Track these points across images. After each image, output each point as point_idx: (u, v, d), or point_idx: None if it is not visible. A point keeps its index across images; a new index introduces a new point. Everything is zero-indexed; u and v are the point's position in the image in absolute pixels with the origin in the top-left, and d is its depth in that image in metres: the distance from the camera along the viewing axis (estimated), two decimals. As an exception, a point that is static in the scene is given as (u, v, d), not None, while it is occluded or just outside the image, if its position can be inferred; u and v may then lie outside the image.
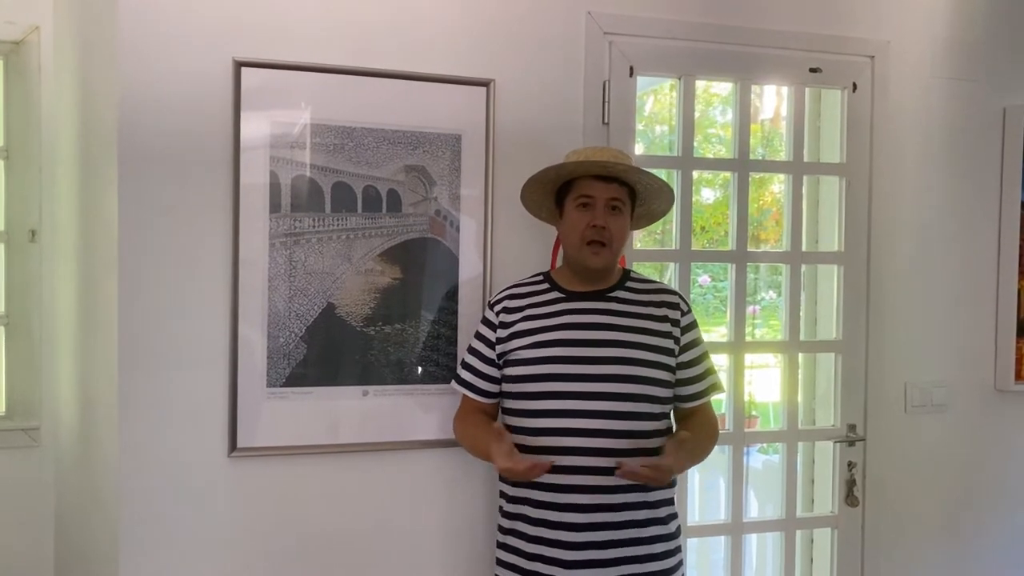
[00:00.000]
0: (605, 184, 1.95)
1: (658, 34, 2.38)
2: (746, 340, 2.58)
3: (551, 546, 1.90)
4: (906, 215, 2.64)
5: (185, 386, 2.04)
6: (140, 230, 2.01)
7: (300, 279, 2.10)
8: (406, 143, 2.16)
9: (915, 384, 2.67)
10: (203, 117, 2.02)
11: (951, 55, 2.69)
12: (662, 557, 1.95)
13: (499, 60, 2.23)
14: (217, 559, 2.08)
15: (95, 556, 2.32)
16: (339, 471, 2.15)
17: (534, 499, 1.92)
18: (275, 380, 2.09)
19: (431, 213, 2.19)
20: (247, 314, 2.06)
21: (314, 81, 2.10)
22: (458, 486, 2.24)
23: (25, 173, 2.84)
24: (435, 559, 2.23)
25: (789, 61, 2.52)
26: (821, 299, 2.75)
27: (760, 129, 4.86)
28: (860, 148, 2.59)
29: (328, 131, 2.11)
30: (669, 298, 2.05)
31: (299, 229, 2.09)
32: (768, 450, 4.23)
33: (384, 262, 2.16)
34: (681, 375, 2.01)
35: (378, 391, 2.16)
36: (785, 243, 2.62)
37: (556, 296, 2.01)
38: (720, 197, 6.29)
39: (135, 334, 2.01)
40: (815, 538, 2.75)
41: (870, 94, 2.59)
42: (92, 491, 2.37)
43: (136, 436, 2.01)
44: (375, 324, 2.15)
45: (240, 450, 2.07)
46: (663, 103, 6.12)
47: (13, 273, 2.87)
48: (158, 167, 2.01)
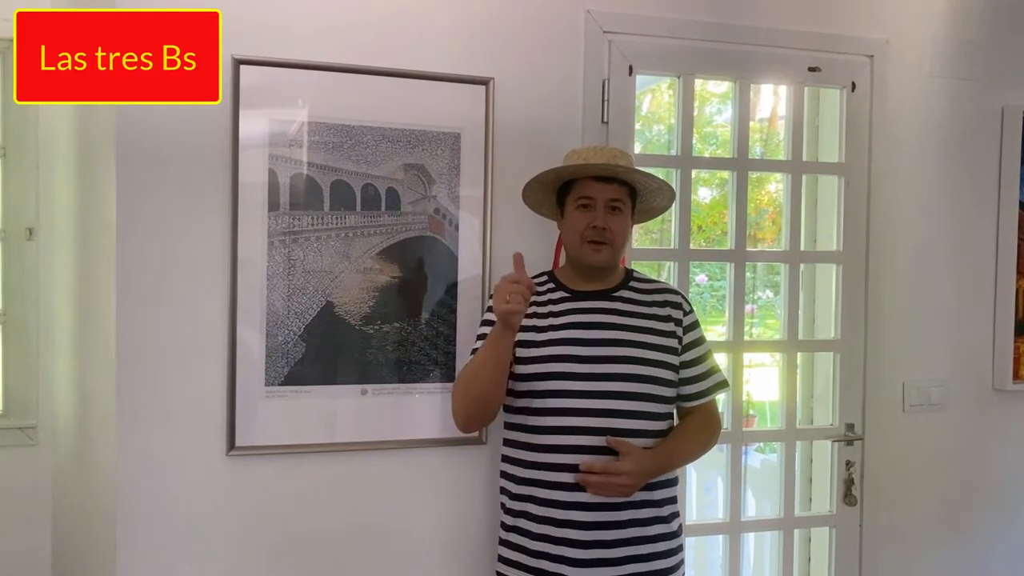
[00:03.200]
0: (605, 185, 1.95)
1: (657, 33, 2.38)
2: (744, 339, 2.58)
3: (557, 544, 1.90)
4: (904, 214, 2.64)
5: (183, 384, 2.03)
6: (138, 228, 2.00)
7: (299, 277, 2.09)
8: (405, 141, 2.16)
9: (913, 383, 2.67)
10: (202, 114, 2.01)
11: (950, 54, 2.69)
12: (665, 555, 1.95)
13: (499, 58, 2.23)
14: (215, 557, 2.07)
15: (93, 554, 2.31)
16: (338, 470, 2.14)
17: (539, 497, 1.92)
18: (274, 379, 2.08)
19: (430, 212, 2.19)
20: (245, 312, 2.06)
21: (313, 79, 2.09)
22: (458, 484, 2.23)
23: (22, 171, 2.84)
24: (435, 557, 2.23)
25: (788, 60, 2.52)
26: (819, 298, 2.76)
27: (758, 129, 4.85)
28: (859, 147, 2.59)
29: (327, 129, 2.10)
30: (672, 298, 2.05)
31: (298, 227, 2.09)
32: (764, 449, 4.24)
33: (383, 260, 2.15)
34: (684, 374, 2.01)
35: (377, 390, 2.16)
36: (784, 242, 2.62)
37: (562, 296, 2.01)
38: (717, 196, 6.29)
39: (133, 332, 2.00)
40: (813, 537, 2.75)
41: (869, 93, 2.59)
42: (90, 489, 2.37)
43: (134, 434, 2.01)
44: (374, 323, 2.15)
45: (238, 449, 2.06)
46: (659, 102, 6.13)
47: (10, 271, 2.87)
48: (156, 165, 2.01)
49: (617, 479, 1.85)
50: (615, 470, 1.85)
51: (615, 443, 1.86)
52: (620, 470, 1.85)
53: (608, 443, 1.86)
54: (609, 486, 1.85)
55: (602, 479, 1.85)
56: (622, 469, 1.85)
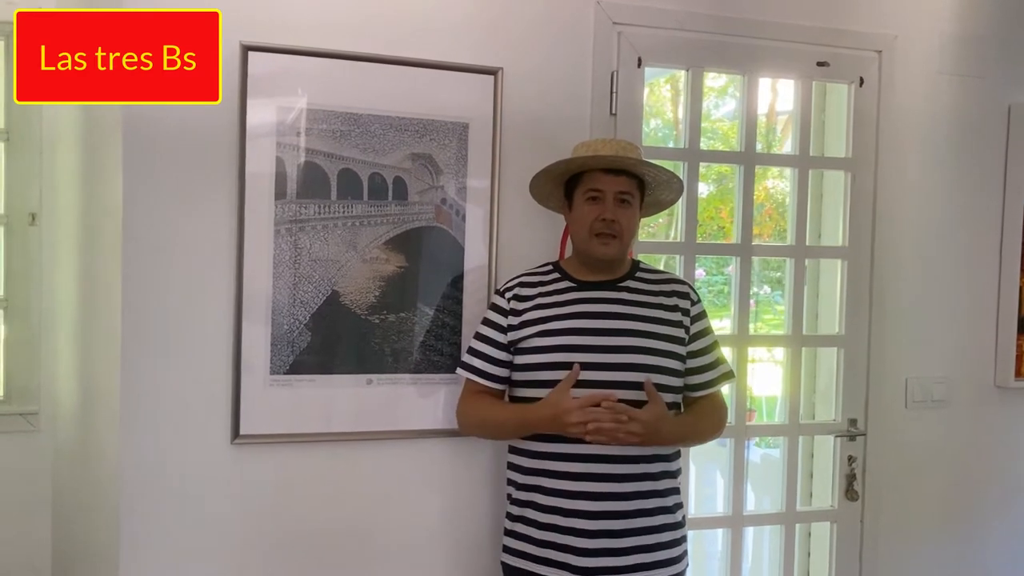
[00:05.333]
0: (614, 177, 1.95)
1: (667, 25, 2.37)
2: (749, 334, 2.58)
3: (563, 534, 1.90)
4: (910, 210, 2.64)
5: (188, 372, 2.03)
6: (144, 215, 2.00)
7: (305, 266, 2.09)
8: (413, 131, 2.15)
9: (916, 380, 2.68)
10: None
11: (957, 51, 2.69)
12: (669, 546, 1.95)
13: (507, 49, 2.22)
14: (219, 546, 2.07)
15: (94, 541, 2.31)
16: (342, 459, 2.14)
17: (545, 487, 1.92)
18: (279, 367, 2.08)
19: (437, 202, 2.18)
20: (251, 301, 2.05)
21: (321, 67, 2.08)
22: (462, 474, 2.23)
23: (25, 156, 2.82)
24: (439, 546, 2.23)
25: (797, 55, 2.52)
26: (823, 293, 2.76)
27: (761, 124, 4.85)
28: (866, 143, 2.59)
29: (335, 117, 2.09)
30: (679, 288, 2.05)
31: (304, 216, 2.08)
32: (762, 443, 4.25)
33: (389, 250, 2.15)
34: (691, 364, 2.01)
35: (382, 379, 2.15)
36: (790, 237, 2.62)
37: (567, 286, 2.01)
38: (714, 191, 6.30)
39: (138, 320, 2.00)
40: (813, 532, 2.76)
41: (877, 89, 2.58)
42: (92, 476, 2.36)
43: (138, 422, 2.00)
44: (380, 312, 2.14)
45: (243, 437, 2.06)
46: (657, 96, 6.13)
47: (13, 257, 2.86)
48: (163, 152, 2.00)
49: (630, 425, 1.81)
50: (633, 415, 1.81)
51: (649, 387, 1.85)
52: (636, 416, 1.81)
53: (644, 385, 1.85)
54: (619, 433, 1.81)
55: (614, 426, 1.80)
56: (639, 416, 1.82)
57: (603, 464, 1.89)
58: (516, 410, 1.97)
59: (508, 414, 1.98)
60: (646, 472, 1.92)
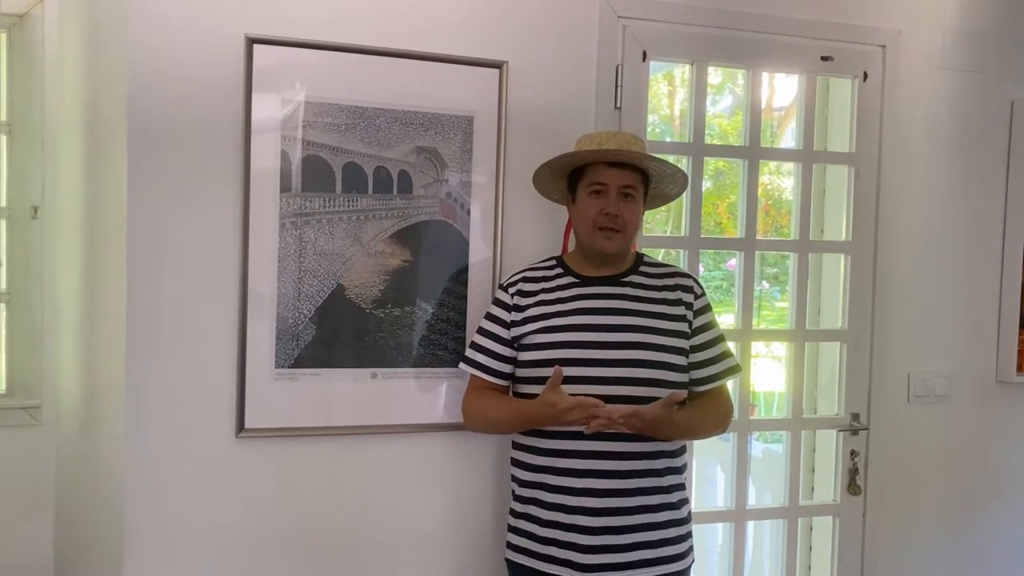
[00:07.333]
0: (618, 171, 1.94)
1: (672, 19, 2.37)
2: (752, 328, 2.58)
3: (567, 530, 1.90)
4: (913, 205, 2.65)
5: (193, 366, 2.03)
6: (149, 209, 1.99)
7: (310, 260, 2.08)
8: (418, 124, 2.15)
9: (918, 374, 2.68)
10: (214, 94, 2.00)
11: (961, 47, 2.69)
12: (674, 542, 1.95)
13: (512, 42, 2.22)
14: (223, 539, 2.07)
15: (98, 535, 2.31)
16: (346, 453, 2.14)
17: (549, 484, 1.93)
18: (284, 361, 2.07)
19: (442, 195, 2.18)
20: (256, 294, 2.05)
21: (326, 60, 2.07)
22: (466, 469, 2.23)
23: (27, 149, 2.81)
24: (443, 541, 2.23)
25: (801, 49, 2.51)
26: (825, 288, 2.76)
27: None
28: (870, 138, 2.59)
29: (340, 111, 2.09)
30: (683, 281, 2.05)
31: (309, 209, 2.08)
32: (761, 438, 4.25)
33: (394, 244, 2.15)
34: (695, 358, 2.01)
35: (387, 373, 2.15)
36: (793, 231, 2.62)
37: (570, 281, 2.01)
38: (711, 187, 6.32)
39: (142, 314, 1.99)
40: (814, 526, 2.76)
41: (880, 84, 2.58)
42: (95, 470, 2.36)
43: (142, 415, 2.00)
44: (384, 306, 2.14)
45: (248, 431, 2.06)
46: (654, 92, 6.14)
47: (15, 250, 2.85)
48: (167, 145, 1.99)
49: (630, 420, 1.80)
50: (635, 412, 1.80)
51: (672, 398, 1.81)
52: (639, 412, 1.80)
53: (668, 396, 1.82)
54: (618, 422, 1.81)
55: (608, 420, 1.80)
56: (641, 412, 1.80)
57: (607, 461, 1.89)
58: (517, 407, 1.96)
59: (509, 411, 1.98)
60: (650, 468, 1.92)
